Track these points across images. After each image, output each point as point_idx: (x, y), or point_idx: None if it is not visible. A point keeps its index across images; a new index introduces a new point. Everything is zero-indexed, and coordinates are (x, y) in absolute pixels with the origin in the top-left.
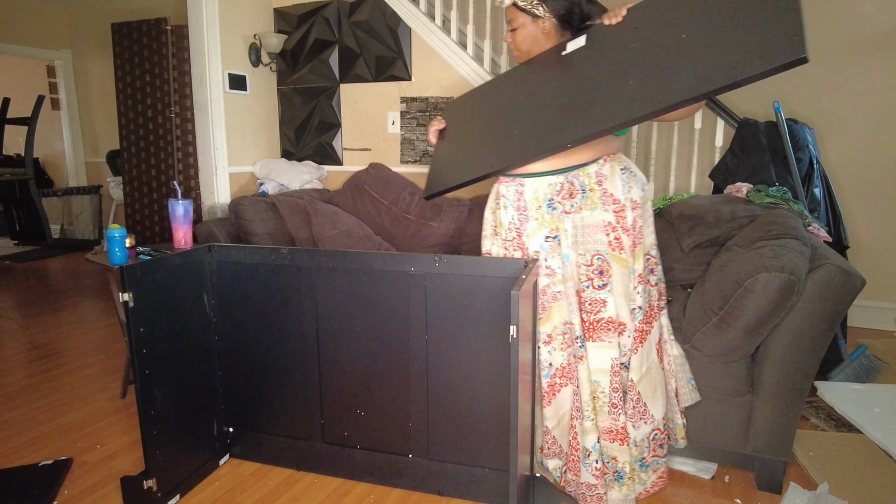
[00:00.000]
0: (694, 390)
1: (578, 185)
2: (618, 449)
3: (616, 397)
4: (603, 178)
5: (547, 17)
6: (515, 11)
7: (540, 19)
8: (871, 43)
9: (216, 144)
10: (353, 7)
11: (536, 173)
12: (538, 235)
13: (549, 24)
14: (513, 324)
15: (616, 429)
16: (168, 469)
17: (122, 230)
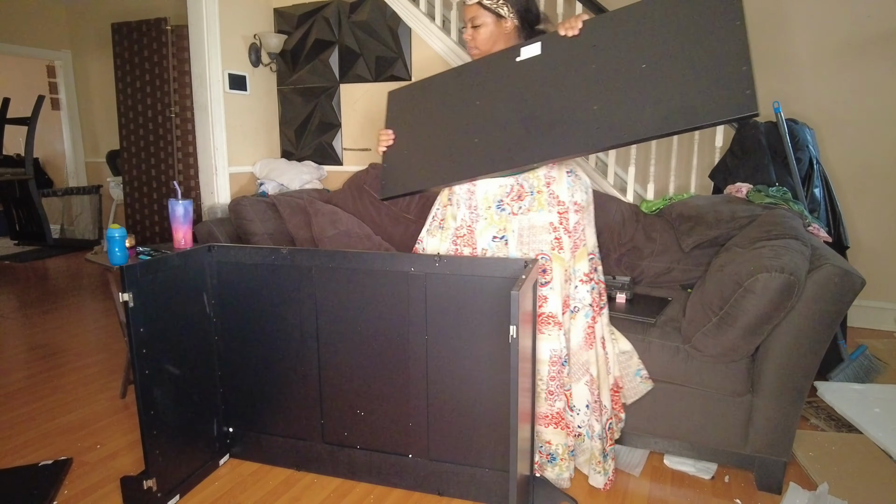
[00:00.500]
0: (645, 381)
1: (528, 187)
2: (552, 432)
3: (553, 385)
4: (551, 179)
5: (510, 18)
6: (479, 9)
7: (503, 19)
8: (871, 43)
9: (216, 144)
10: (353, 7)
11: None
12: (486, 234)
13: (510, 24)
14: (513, 324)
15: (551, 414)
16: (168, 469)
17: (122, 230)
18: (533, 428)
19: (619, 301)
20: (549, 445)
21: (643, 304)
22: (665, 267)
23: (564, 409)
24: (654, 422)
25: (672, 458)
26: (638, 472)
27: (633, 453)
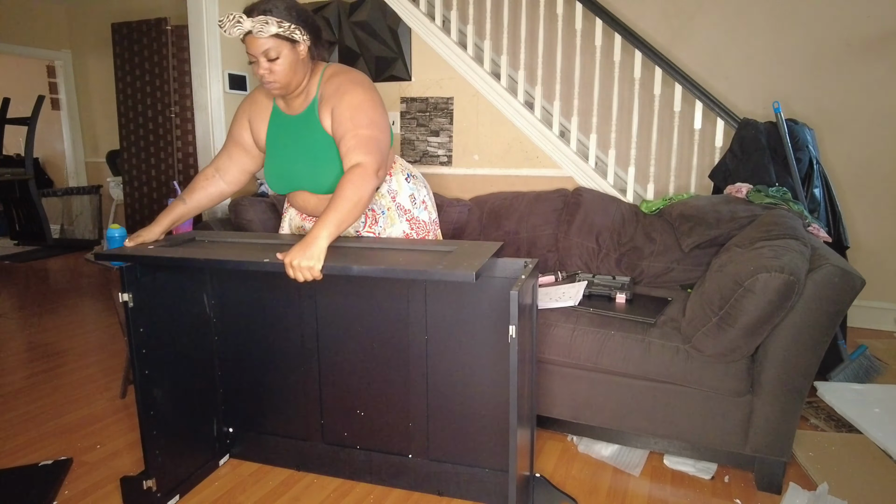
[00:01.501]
0: None
1: (379, 208)
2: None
3: None
4: (394, 193)
5: (303, 40)
6: (273, 41)
7: (297, 44)
8: (871, 43)
9: (216, 144)
10: (353, 7)
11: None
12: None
13: (304, 47)
14: (512, 323)
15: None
16: (168, 469)
17: (122, 230)
18: (533, 428)
19: (619, 301)
20: None
21: (643, 305)
22: (665, 267)
23: None
24: (653, 422)
25: (672, 458)
26: (638, 472)
27: (633, 453)
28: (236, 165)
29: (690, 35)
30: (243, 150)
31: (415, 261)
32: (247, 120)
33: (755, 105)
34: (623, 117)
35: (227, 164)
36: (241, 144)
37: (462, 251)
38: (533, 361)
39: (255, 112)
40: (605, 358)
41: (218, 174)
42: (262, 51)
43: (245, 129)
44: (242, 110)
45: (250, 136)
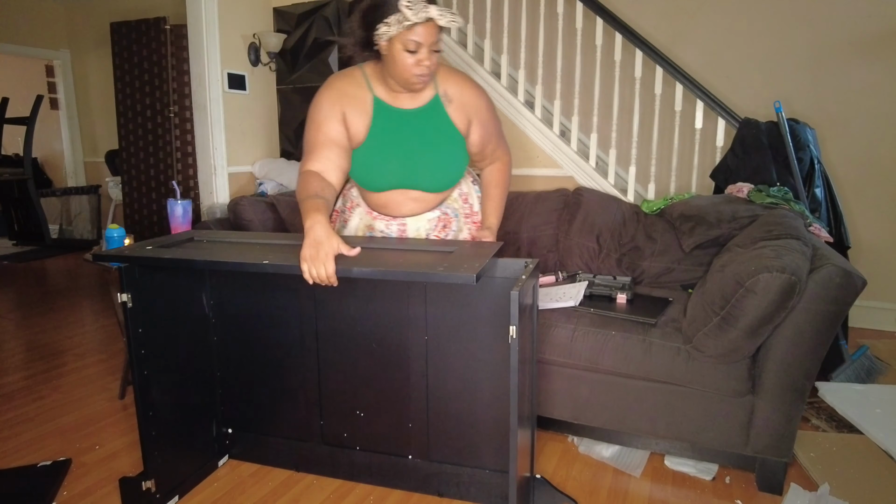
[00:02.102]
0: None
1: (452, 212)
2: None
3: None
4: (465, 195)
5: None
6: (439, 32)
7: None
8: (871, 43)
9: (215, 144)
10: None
11: (415, 214)
12: None
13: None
14: (512, 324)
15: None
16: (167, 470)
17: (121, 230)
18: (533, 429)
19: (619, 301)
20: None
21: (644, 305)
22: (666, 267)
23: None
24: (654, 423)
25: (673, 459)
26: (638, 473)
27: (634, 454)
28: (337, 168)
29: (691, 34)
30: (342, 150)
31: (416, 262)
32: (341, 115)
33: (756, 104)
34: (624, 117)
35: (328, 166)
36: (339, 144)
37: (463, 252)
38: (533, 362)
39: (349, 105)
40: (605, 358)
41: (322, 176)
42: (434, 40)
43: (341, 125)
44: (332, 105)
45: (346, 132)
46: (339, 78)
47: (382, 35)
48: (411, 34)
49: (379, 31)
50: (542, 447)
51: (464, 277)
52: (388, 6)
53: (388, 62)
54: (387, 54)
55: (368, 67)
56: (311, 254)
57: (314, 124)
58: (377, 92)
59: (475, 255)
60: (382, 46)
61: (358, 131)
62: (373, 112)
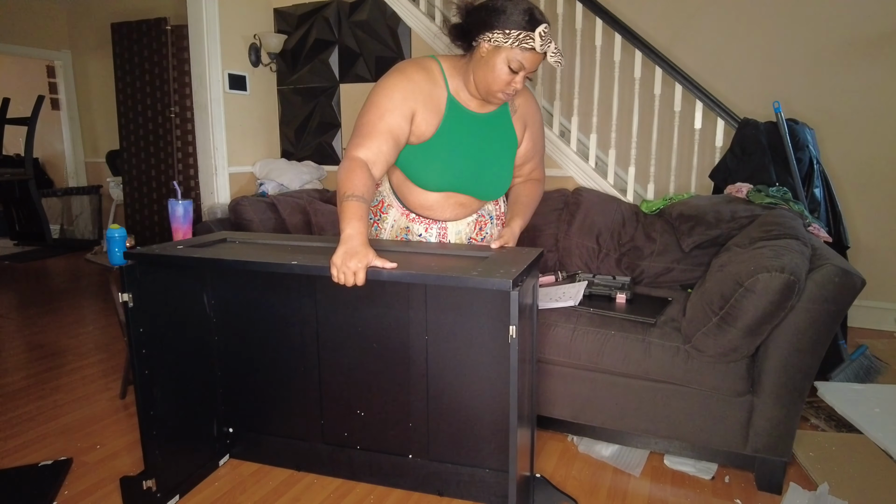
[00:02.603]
0: None
1: (487, 215)
2: None
3: None
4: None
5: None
6: (541, 61)
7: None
8: (871, 43)
9: (216, 144)
10: (353, 7)
11: (457, 219)
12: None
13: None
14: (512, 324)
15: None
16: (167, 469)
17: (122, 230)
18: (533, 428)
19: (619, 301)
20: None
21: (643, 305)
22: (665, 267)
23: None
24: (654, 422)
25: (672, 459)
26: (638, 473)
27: (634, 453)
28: (386, 161)
29: (691, 35)
30: (396, 145)
31: (449, 266)
32: (410, 111)
33: (755, 105)
34: (623, 117)
35: (378, 157)
36: (397, 138)
37: (498, 257)
38: (533, 361)
39: (424, 101)
40: (605, 358)
41: (368, 167)
42: (534, 69)
43: (408, 120)
44: (404, 98)
45: (408, 128)
46: (416, 69)
47: (493, 40)
48: (523, 56)
49: (494, 34)
50: (541, 446)
51: (499, 283)
52: (514, 19)
53: (481, 66)
54: (484, 58)
55: (446, 61)
56: (342, 262)
57: (378, 110)
58: (452, 89)
59: (511, 260)
60: (484, 48)
61: (428, 128)
62: (445, 110)
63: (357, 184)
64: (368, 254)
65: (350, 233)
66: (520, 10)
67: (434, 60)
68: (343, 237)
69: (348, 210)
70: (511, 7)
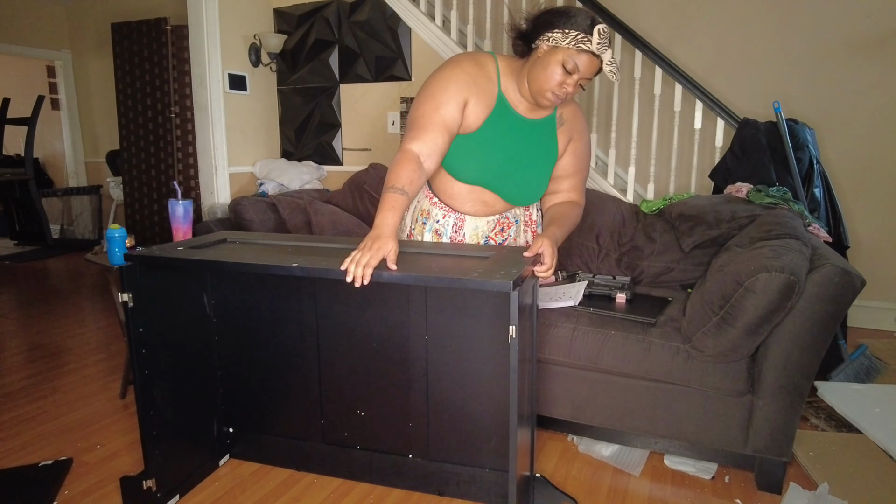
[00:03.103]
0: None
1: (512, 217)
2: None
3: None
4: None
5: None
6: (597, 72)
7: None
8: (871, 43)
9: (216, 144)
10: (353, 7)
11: (478, 216)
12: None
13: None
14: (512, 324)
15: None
16: (168, 469)
17: (122, 230)
18: (533, 428)
19: (619, 301)
20: None
21: (643, 304)
22: (665, 267)
23: None
24: (654, 422)
25: (672, 458)
26: (638, 472)
27: (633, 453)
28: (440, 153)
29: (691, 35)
30: (449, 137)
31: (448, 267)
32: (464, 101)
33: (755, 105)
34: (623, 117)
35: (433, 150)
36: (452, 129)
37: (499, 258)
38: (533, 361)
39: (476, 94)
40: (605, 358)
41: (422, 160)
42: (588, 76)
43: (459, 111)
44: (459, 88)
45: (461, 119)
46: (471, 62)
47: (552, 39)
48: (578, 56)
49: (553, 34)
50: (541, 446)
51: (499, 284)
52: (577, 21)
53: (536, 66)
54: (541, 58)
55: (503, 61)
56: (367, 245)
57: (433, 101)
58: (504, 87)
59: (512, 261)
60: (542, 48)
61: (476, 120)
62: (494, 106)
63: (402, 176)
64: (391, 243)
65: (380, 221)
66: (584, 15)
67: (491, 57)
68: (375, 223)
69: (385, 201)
70: (576, 12)
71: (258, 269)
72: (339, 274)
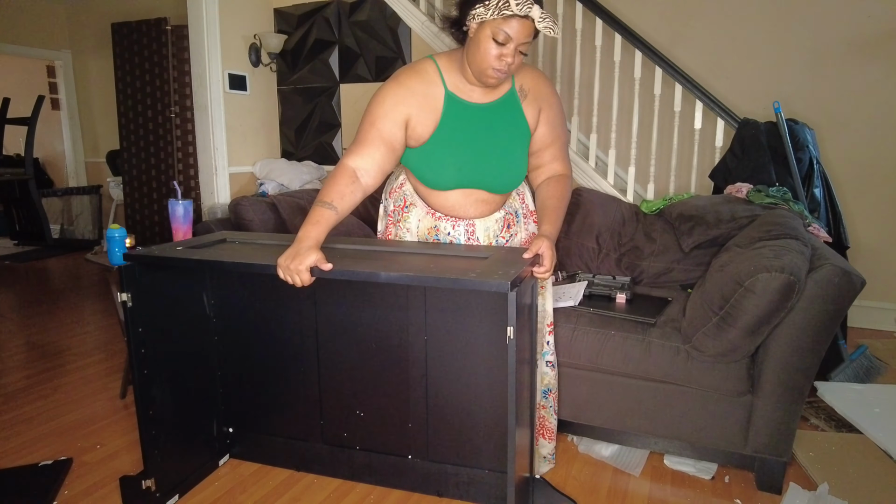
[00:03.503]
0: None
1: (513, 210)
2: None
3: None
4: (522, 194)
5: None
6: (533, 33)
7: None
8: (871, 43)
9: (216, 144)
10: (353, 7)
11: (483, 216)
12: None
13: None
14: (510, 324)
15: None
16: (167, 469)
17: (122, 230)
18: (533, 429)
19: (619, 301)
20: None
21: (643, 305)
22: (665, 267)
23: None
24: (654, 422)
25: (672, 459)
26: (638, 472)
27: (633, 453)
28: (380, 168)
29: (691, 35)
30: (391, 151)
31: (447, 267)
32: (403, 116)
33: (755, 105)
34: (623, 117)
35: (371, 165)
36: (391, 144)
37: (498, 258)
38: (533, 362)
39: (418, 104)
40: (605, 358)
41: (358, 175)
42: (525, 40)
43: (401, 126)
44: (398, 103)
45: (404, 132)
46: (409, 74)
47: (476, 16)
48: (505, 25)
49: (476, 10)
50: None
51: (497, 285)
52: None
53: (470, 47)
54: (472, 38)
55: (442, 58)
56: (285, 263)
57: (370, 119)
58: (450, 84)
59: (511, 261)
60: (471, 28)
61: (425, 129)
62: (443, 107)
63: (331, 191)
64: (309, 257)
65: (300, 235)
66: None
67: (430, 60)
68: (296, 238)
69: (311, 214)
70: None
71: (257, 269)
72: (337, 275)
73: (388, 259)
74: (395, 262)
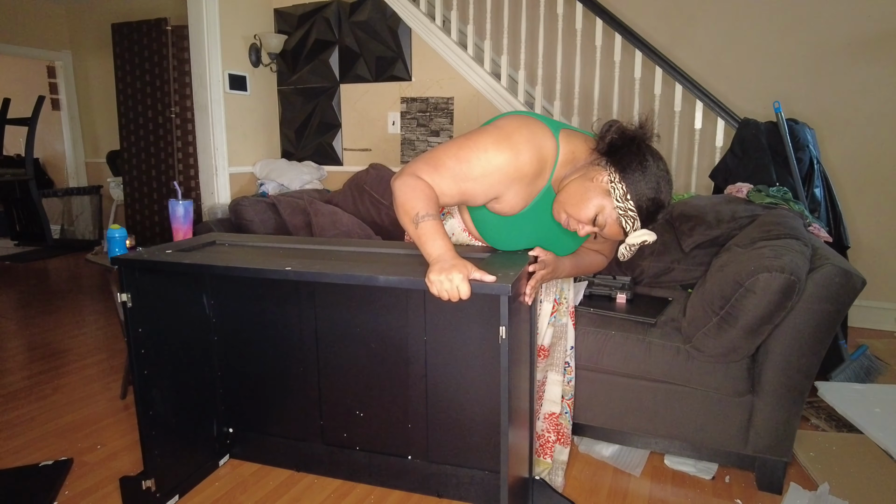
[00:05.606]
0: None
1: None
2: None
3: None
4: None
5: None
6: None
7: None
8: (871, 43)
9: (216, 145)
10: (353, 7)
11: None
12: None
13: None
14: (502, 324)
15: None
16: (167, 469)
17: (123, 230)
18: (532, 429)
19: (619, 301)
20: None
21: (643, 304)
22: (665, 267)
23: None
24: (654, 422)
25: (672, 459)
26: (638, 473)
27: (634, 453)
28: (443, 206)
29: (691, 35)
30: (461, 202)
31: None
32: (499, 192)
33: (755, 105)
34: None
35: (444, 201)
36: (466, 201)
37: (496, 260)
38: (532, 362)
39: (517, 190)
40: (605, 358)
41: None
42: (610, 237)
43: (488, 197)
44: (500, 181)
45: (485, 198)
46: (532, 160)
47: (612, 185)
48: (609, 225)
49: (616, 184)
50: None
51: (496, 288)
52: (643, 191)
53: (580, 182)
54: (592, 183)
55: (566, 146)
56: (442, 278)
57: (468, 167)
58: (555, 178)
59: (510, 262)
60: (601, 176)
61: (511, 209)
62: (538, 197)
63: (428, 203)
64: (467, 265)
65: (439, 252)
66: (651, 186)
67: (555, 142)
68: (434, 258)
69: (428, 230)
70: (652, 177)
71: (251, 273)
72: (331, 278)
73: (388, 262)
74: (394, 265)
